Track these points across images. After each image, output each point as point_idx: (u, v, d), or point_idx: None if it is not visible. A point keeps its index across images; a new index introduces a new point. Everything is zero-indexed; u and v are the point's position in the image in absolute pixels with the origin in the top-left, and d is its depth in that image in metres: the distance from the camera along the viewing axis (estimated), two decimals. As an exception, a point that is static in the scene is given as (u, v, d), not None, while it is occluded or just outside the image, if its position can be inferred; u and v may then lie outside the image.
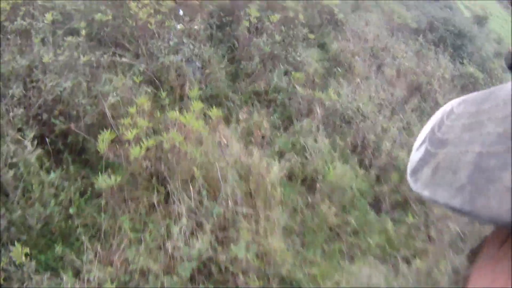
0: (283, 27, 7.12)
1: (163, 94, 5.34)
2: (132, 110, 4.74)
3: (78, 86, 5.02)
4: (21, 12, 6.15)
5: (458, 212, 0.39)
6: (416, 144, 0.52)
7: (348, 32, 8.99)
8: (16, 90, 4.77)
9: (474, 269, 0.45)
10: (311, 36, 7.56)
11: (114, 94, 5.06)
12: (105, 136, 4.38)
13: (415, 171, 0.48)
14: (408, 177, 0.49)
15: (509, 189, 0.35)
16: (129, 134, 4.36)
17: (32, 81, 5.01)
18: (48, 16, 5.68)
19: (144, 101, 4.93)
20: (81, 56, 5.26)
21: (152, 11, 6.18)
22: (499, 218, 0.35)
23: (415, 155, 0.50)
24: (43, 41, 5.62)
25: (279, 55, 6.74)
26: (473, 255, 0.47)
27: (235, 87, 6.38)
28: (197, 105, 4.80)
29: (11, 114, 4.53)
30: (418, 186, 0.46)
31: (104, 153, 4.34)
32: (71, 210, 4.01)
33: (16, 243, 3.37)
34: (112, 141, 4.45)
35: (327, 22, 8.91)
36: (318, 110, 5.86)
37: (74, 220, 4.01)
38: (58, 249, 3.67)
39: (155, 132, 4.80)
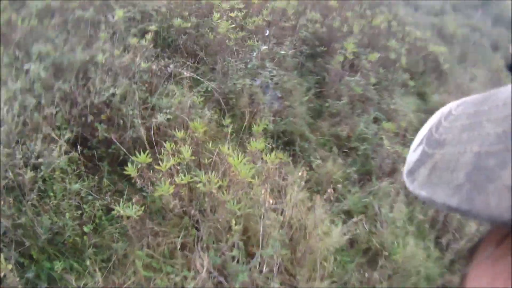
0: (381, 69, 6.22)
1: (227, 121, 4.62)
2: (179, 134, 4.06)
3: (131, 95, 4.43)
4: (97, 2, 5.70)
5: (456, 211, 0.38)
6: (413, 145, 0.51)
7: (451, 84, 7.91)
8: (64, 84, 4.27)
9: (471, 268, 0.44)
10: (411, 83, 6.54)
11: (168, 111, 4.42)
12: (139, 159, 3.73)
13: (412, 171, 0.46)
14: (405, 178, 0.48)
15: (509, 187, 0.34)
16: (163, 165, 3.66)
17: (85, 78, 4.52)
18: (119, 13, 5.15)
19: (198, 126, 4.22)
20: (142, 62, 4.68)
21: (233, 25, 5.47)
22: (498, 217, 0.34)
23: (412, 156, 0.49)
24: (112, 38, 5.10)
25: (372, 99, 5.80)
26: (471, 254, 0.46)
27: (314, 126, 5.51)
28: (257, 145, 4.02)
29: (49, 109, 4.03)
30: (415, 186, 0.44)
31: (134, 177, 3.70)
32: (86, 229, 3.52)
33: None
34: (149, 164, 3.80)
35: (431, 70, 7.88)
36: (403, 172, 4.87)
37: (90, 237, 3.52)
38: (59, 265, 3.23)
39: (200, 165, 4.08)
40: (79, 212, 3.59)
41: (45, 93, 4.17)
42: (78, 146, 4.04)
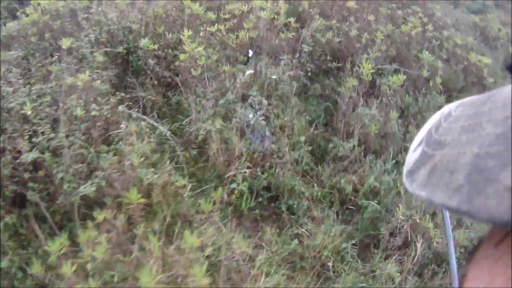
0: (407, 96, 4.77)
1: (181, 181, 3.59)
2: (100, 216, 3.13)
3: (65, 151, 3.59)
4: (56, 26, 4.79)
5: (455, 212, 0.38)
6: (413, 146, 0.51)
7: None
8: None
9: (471, 268, 0.44)
10: (448, 106, 5.04)
11: (102, 174, 3.48)
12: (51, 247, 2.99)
13: (411, 172, 0.46)
14: (404, 178, 0.47)
15: (508, 188, 0.33)
16: (67, 267, 2.78)
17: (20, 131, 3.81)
18: (66, 42, 4.21)
19: (133, 198, 3.26)
20: (78, 109, 3.76)
21: (202, 46, 4.29)
22: (498, 218, 0.34)
23: (411, 157, 0.48)
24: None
25: (394, 135, 4.42)
26: (471, 254, 0.45)
27: (313, 173, 4.30)
28: (193, 242, 2.99)
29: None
30: (414, 187, 0.44)
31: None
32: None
33: None
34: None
35: (471, 85, 6.32)
36: (418, 248, 3.61)
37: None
38: None
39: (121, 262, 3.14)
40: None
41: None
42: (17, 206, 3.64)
